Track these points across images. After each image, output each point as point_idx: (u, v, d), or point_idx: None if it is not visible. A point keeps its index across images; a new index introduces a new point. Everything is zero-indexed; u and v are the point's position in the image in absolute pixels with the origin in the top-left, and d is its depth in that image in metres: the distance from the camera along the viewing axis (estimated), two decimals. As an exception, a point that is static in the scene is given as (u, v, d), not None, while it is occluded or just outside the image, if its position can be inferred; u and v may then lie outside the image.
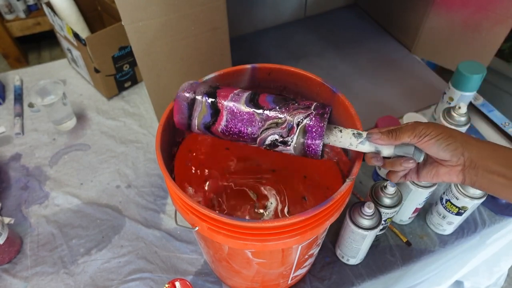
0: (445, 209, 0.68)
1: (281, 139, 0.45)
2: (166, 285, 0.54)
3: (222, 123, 0.47)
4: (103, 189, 0.81)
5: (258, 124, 0.46)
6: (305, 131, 0.44)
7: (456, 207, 0.66)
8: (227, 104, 0.47)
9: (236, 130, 0.47)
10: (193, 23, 0.72)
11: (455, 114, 0.73)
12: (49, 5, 0.93)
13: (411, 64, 1.10)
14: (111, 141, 0.91)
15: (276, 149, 0.47)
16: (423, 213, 0.75)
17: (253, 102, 0.47)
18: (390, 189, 0.61)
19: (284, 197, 0.73)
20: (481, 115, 0.94)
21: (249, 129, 0.46)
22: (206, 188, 0.71)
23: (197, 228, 0.46)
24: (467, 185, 0.42)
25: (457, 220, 0.69)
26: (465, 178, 0.41)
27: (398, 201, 0.62)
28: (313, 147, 0.44)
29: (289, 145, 0.45)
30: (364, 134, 0.45)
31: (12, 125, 0.94)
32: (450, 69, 1.04)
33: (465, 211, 0.66)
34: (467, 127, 0.74)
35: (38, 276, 0.68)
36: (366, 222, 0.59)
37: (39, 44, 2.30)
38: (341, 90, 0.54)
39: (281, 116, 0.45)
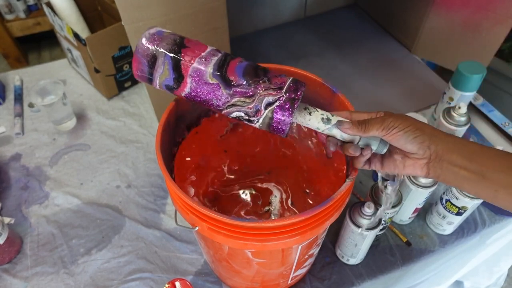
0: (445, 209, 0.68)
1: (247, 117, 0.44)
2: (166, 285, 0.54)
3: (185, 90, 0.44)
4: (103, 189, 0.81)
5: (224, 99, 0.43)
6: (273, 113, 0.43)
7: (456, 207, 0.66)
8: (192, 70, 0.43)
9: (199, 99, 0.44)
10: (193, 23, 0.72)
11: (455, 114, 0.73)
12: (49, 5, 0.93)
13: (411, 64, 1.10)
14: (111, 141, 0.91)
15: (242, 122, 0.45)
16: (423, 213, 0.75)
17: (221, 72, 0.43)
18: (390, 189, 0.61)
19: (286, 187, 0.72)
20: (481, 115, 0.94)
21: (214, 101, 0.44)
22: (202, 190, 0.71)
23: (197, 228, 0.46)
24: (431, 178, 0.42)
25: (457, 220, 0.69)
26: (430, 171, 0.41)
27: (398, 201, 0.62)
28: (279, 127, 0.43)
29: (255, 124, 0.44)
30: (334, 120, 0.45)
31: (12, 125, 0.94)
32: (450, 69, 1.04)
33: (465, 211, 0.66)
34: (467, 127, 0.74)
35: (38, 276, 0.68)
36: (366, 222, 0.59)
37: (39, 44, 2.30)
38: (341, 90, 0.54)
39: (250, 94, 0.43)
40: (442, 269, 0.80)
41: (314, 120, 0.45)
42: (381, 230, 0.68)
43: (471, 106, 0.95)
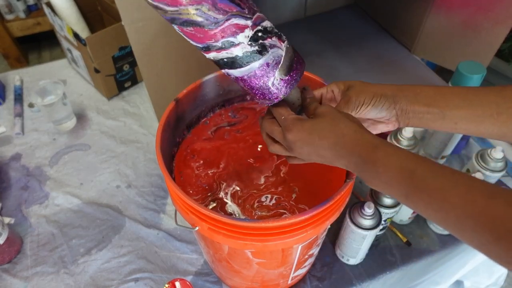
0: (445, 209, 0.68)
1: (277, 30, 0.40)
2: (166, 285, 0.54)
3: None
4: (103, 189, 0.81)
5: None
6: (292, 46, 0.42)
7: (456, 207, 0.66)
8: None
9: None
10: (193, 23, 0.72)
11: (490, 159, 0.71)
12: (49, 5, 0.93)
13: (411, 64, 1.10)
14: (111, 141, 0.91)
15: (267, 42, 0.40)
16: (423, 213, 0.75)
17: None
18: (390, 189, 0.61)
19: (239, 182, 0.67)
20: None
21: None
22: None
23: (197, 228, 0.46)
24: (401, 127, 0.46)
25: (457, 220, 0.69)
26: (399, 124, 0.45)
27: (398, 201, 0.62)
28: (301, 62, 0.43)
29: (284, 42, 0.41)
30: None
31: (12, 125, 0.94)
32: (450, 69, 1.04)
33: (465, 211, 0.66)
34: (503, 173, 0.72)
35: (38, 276, 0.68)
36: (366, 222, 0.59)
37: (39, 44, 2.30)
38: (341, 90, 0.54)
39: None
40: (442, 269, 0.80)
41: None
42: (381, 230, 0.68)
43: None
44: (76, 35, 0.87)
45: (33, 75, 1.07)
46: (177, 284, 0.54)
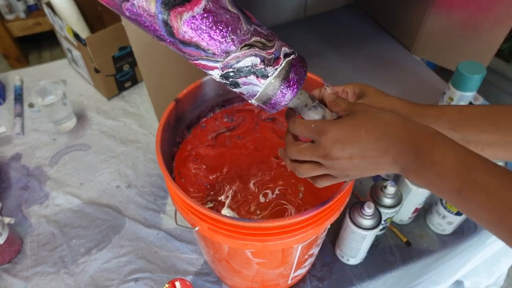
0: (445, 209, 0.68)
1: (262, 66, 0.36)
2: (166, 285, 0.54)
3: (196, 9, 0.33)
4: (103, 189, 0.81)
5: (242, 34, 0.35)
6: (291, 66, 0.37)
7: (456, 207, 0.66)
8: None
9: (210, 30, 0.34)
10: (193, 23, 0.72)
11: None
12: (49, 5, 0.93)
13: (411, 64, 1.10)
14: (111, 141, 0.91)
15: (239, 80, 0.37)
16: (423, 213, 0.75)
17: (237, 7, 0.36)
18: (390, 189, 0.61)
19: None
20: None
21: (230, 36, 0.34)
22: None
23: (197, 228, 0.46)
24: None
25: (457, 220, 0.69)
26: None
27: (398, 201, 0.62)
28: (293, 86, 0.38)
29: (265, 79, 0.37)
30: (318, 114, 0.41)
31: (12, 125, 0.94)
32: (450, 69, 1.04)
33: (465, 211, 0.66)
34: None
35: (39, 276, 0.68)
36: (366, 222, 0.59)
37: (40, 44, 2.30)
38: (341, 90, 0.54)
39: (270, 38, 0.37)
40: (442, 269, 0.80)
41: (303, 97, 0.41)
42: (381, 230, 0.68)
43: (471, 106, 0.95)
44: (76, 35, 0.87)
45: (33, 75, 1.07)
46: (177, 284, 0.54)
